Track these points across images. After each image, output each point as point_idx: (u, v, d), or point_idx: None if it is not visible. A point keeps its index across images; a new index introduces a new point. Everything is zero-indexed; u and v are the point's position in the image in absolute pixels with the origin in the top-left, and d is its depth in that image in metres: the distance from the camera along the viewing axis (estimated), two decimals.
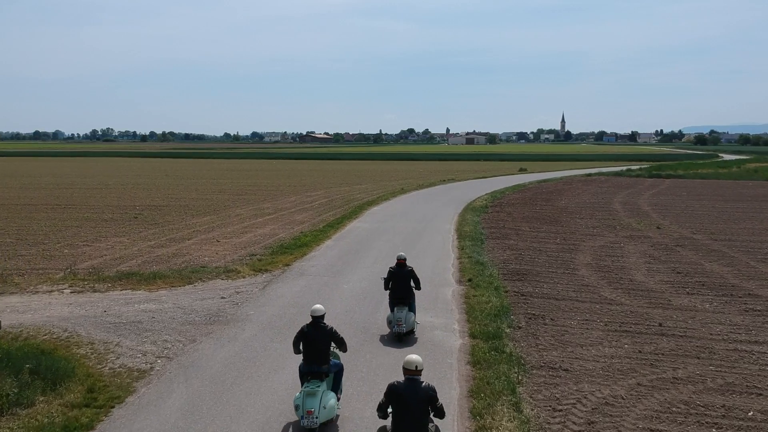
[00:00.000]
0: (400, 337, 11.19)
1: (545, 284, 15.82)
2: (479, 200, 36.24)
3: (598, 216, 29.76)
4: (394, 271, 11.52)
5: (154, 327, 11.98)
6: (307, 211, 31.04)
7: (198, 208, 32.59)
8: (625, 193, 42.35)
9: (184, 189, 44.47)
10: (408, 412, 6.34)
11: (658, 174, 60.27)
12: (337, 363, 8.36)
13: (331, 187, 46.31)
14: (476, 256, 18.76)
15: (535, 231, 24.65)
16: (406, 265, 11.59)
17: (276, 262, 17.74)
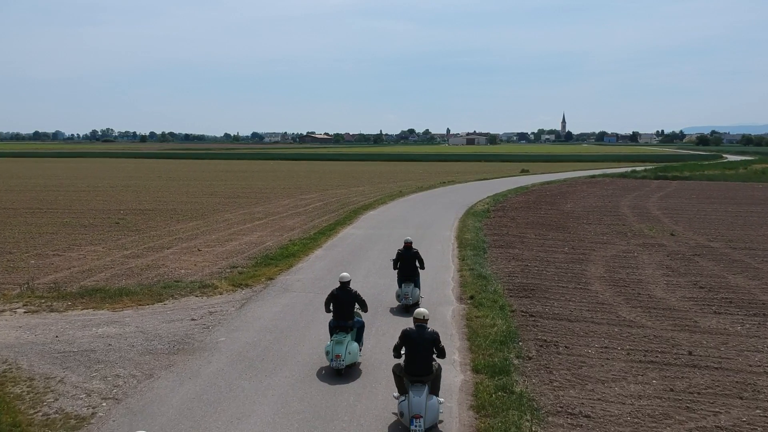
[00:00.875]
0: (407, 308, 13.07)
1: (556, 302, 14.22)
2: (481, 204, 34.63)
3: (607, 221, 28.16)
4: (402, 253, 13.62)
5: (108, 357, 10.39)
6: (299, 216, 29.44)
7: (185, 212, 31.01)
8: (632, 196, 40.74)
9: (174, 191, 42.90)
10: (417, 351, 8.01)
11: (665, 176, 58.66)
12: (359, 320, 10.36)
13: (327, 190, 44.72)
14: (478, 268, 17.15)
15: (541, 238, 23.05)
16: (412, 248, 13.72)
17: (258, 276, 16.14)
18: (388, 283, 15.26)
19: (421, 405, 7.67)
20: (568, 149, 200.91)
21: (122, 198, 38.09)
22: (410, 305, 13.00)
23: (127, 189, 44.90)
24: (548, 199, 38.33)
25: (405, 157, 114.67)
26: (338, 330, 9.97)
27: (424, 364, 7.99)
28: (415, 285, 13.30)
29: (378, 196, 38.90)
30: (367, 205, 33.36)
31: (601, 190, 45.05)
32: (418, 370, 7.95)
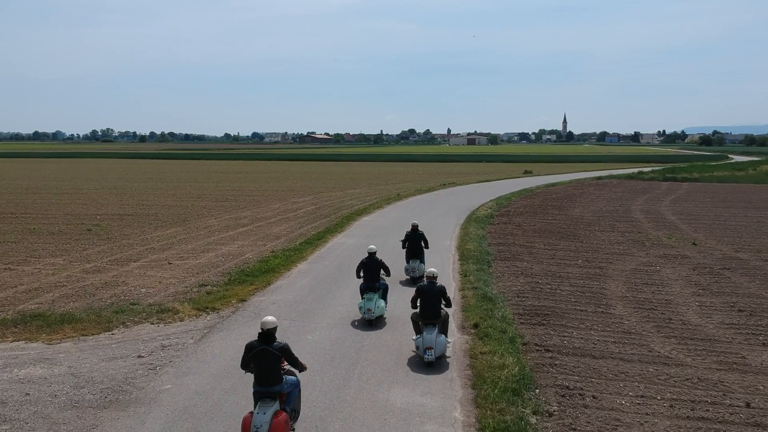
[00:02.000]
0: (414, 281, 15.14)
1: (575, 330, 12.07)
2: (483, 208, 32.45)
3: (620, 228, 25.99)
4: (410, 234, 16.07)
5: (19, 414, 8.25)
6: (288, 222, 27.29)
7: (167, 217, 28.87)
8: (643, 199, 38.57)
9: (161, 194, 40.76)
10: (429, 301, 10.28)
11: (673, 177, 56.47)
12: (384, 283, 12.70)
13: (322, 192, 42.56)
14: (483, 286, 14.98)
15: (550, 248, 20.88)
16: (419, 230, 16.05)
17: (228, 297, 13.98)
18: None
19: (432, 340, 9.99)
20: (570, 149, 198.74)
21: (104, 201, 35.98)
22: (417, 278, 15.38)
23: (113, 191, 42.79)
24: (555, 202, 36.15)
25: (405, 158, 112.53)
26: (368, 291, 12.43)
27: (434, 311, 10.29)
28: (420, 261, 15.89)
29: (374, 200, 36.74)
30: (362, 209, 31.19)
31: (610, 193, 42.88)
32: (430, 315, 10.27)
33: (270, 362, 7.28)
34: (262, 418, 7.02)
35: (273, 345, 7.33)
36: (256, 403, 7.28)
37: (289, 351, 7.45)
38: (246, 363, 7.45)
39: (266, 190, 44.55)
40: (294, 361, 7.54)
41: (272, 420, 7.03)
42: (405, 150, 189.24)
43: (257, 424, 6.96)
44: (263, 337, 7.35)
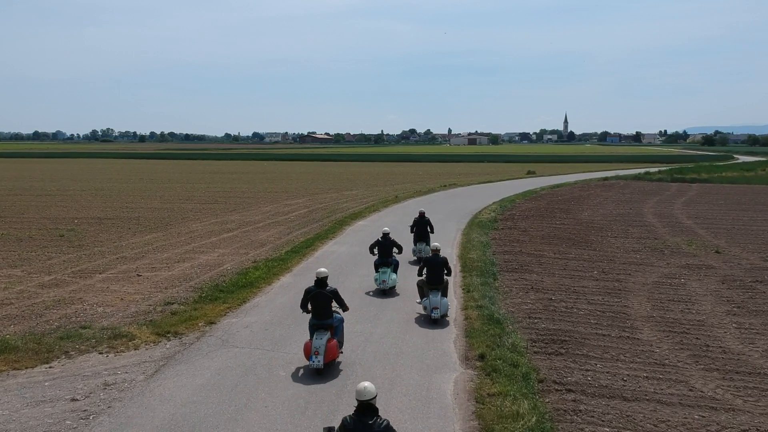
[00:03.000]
0: (420, 261, 15.26)
1: (598, 362, 10.22)
2: (486, 211, 30.58)
3: (634, 233, 24.13)
4: (418, 220, 18.02)
5: None
6: (277, 226, 25.44)
7: (149, 221, 27.05)
8: (654, 202, 36.69)
9: (148, 196, 38.92)
10: (433, 269, 12.40)
11: (682, 178, 54.55)
12: (396, 260, 14.99)
13: (317, 194, 40.71)
14: (488, 305, 13.12)
15: (561, 257, 19.03)
16: (425, 216, 18.20)
17: (196, 318, 12.13)
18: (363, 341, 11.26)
19: (437, 301, 12.09)
20: (571, 149, 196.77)
21: (88, 203, 34.15)
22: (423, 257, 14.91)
23: (100, 193, 40.96)
24: (561, 205, 34.29)
25: (405, 158, 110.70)
26: (382, 266, 14.60)
27: (438, 277, 12.35)
28: (426, 244, 17.58)
29: (371, 202, 34.89)
30: (357, 213, 29.32)
31: (618, 195, 41.00)
32: (435, 281, 12.33)
33: (323, 302, 9.81)
34: (320, 342, 9.47)
35: (326, 289, 9.94)
36: (313, 333, 9.74)
37: (337, 294, 10.05)
38: (305, 303, 9.99)
39: (259, 191, 42.72)
40: (341, 303, 10.07)
41: (327, 344, 9.46)
42: (405, 150, 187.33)
43: (316, 347, 9.40)
44: (318, 283, 9.99)
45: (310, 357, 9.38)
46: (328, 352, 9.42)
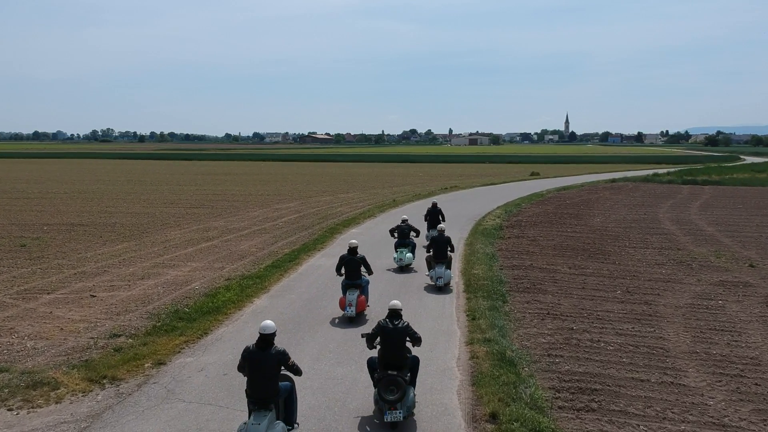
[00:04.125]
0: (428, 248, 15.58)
1: (641, 424, 8.03)
2: (490, 217, 28.38)
3: (654, 242, 21.94)
4: (431, 210, 20.62)
5: None
6: (262, 235, 23.26)
7: (125, 229, 24.89)
8: (668, 206, 34.49)
9: (133, 199, 36.74)
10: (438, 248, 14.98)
11: (693, 180, 52.33)
12: (412, 241, 17.28)
13: (311, 197, 38.52)
14: (498, 338, 10.93)
15: (578, 273, 16.83)
16: (438, 206, 20.66)
17: (143, 357, 9.95)
18: (346, 390, 9.08)
19: (441, 272, 14.59)
20: (574, 150, 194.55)
21: (65, 207, 31.99)
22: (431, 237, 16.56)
23: (82, 196, 38.78)
24: (570, 209, 32.09)
25: (405, 159, 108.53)
26: (401, 246, 16.95)
27: (443, 253, 14.86)
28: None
29: (367, 206, 32.69)
30: (350, 219, 27.11)
31: (628, 198, 38.80)
32: (440, 256, 14.82)
33: (354, 266, 12.57)
34: (352, 297, 12.12)
35: (356, 256, 12.72)
36: (345, 291, 12.34)
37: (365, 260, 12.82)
38: (339, 267, 12.67)
39: (250, 194, 40.53)
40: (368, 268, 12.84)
41: (357, 298, 12.13)
42: (405, 150, 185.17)
43: (350, 300, 12.03)
44: (351, 251, 12.76)
45: (345, 308, 12.05)
46: (359, 305, 12.10)
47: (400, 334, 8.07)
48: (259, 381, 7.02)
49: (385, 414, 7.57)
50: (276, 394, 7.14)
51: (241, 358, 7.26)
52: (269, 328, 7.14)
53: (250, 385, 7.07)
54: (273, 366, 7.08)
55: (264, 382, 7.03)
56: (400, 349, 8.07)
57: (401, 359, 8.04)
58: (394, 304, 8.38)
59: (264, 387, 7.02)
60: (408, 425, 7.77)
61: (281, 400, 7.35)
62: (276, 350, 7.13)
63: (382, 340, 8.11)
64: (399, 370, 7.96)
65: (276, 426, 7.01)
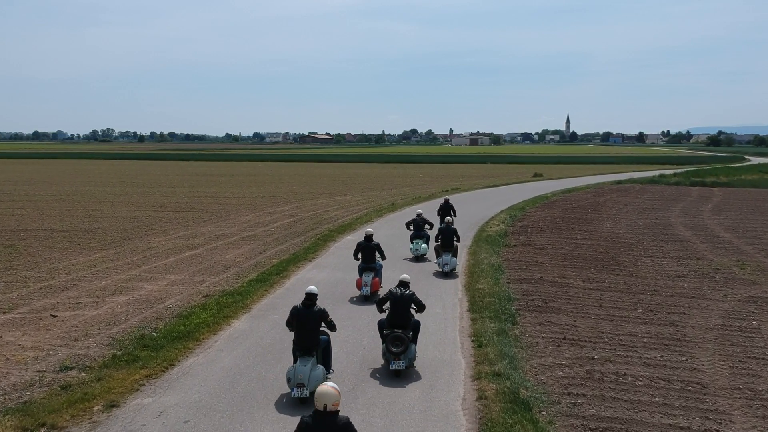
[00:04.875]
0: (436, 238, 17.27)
1: None
2: (494, 222, 26.92)
3: (671, 251, 20.47)
4: (443, 205, 22.44)
5: None
6: (251, 242, 21.80)
7: (107, 234, 23.46)
8: (679, 209, 33.02)
9: (120, 202, 35.28)
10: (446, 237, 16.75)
11: (702, 182, 50.82)
12: (427, 234, 18.73)
13: (307, 200, 37.05)
14: (509, 371, 9.43)
15: (593, 287, 15.34)
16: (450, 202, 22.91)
17: (93, 397, 8.42)
18: None
19: (448, 259, 16.38)
20: (575, 150, 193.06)
21: (49, 211, 30.53)
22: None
23: (69, 198, 37.32)
24: (577, 213, 30.61)
25: (405, 159, 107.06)
26: (416, 238, 18.64)
27: (450, 242, 16.59)
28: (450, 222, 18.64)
29: (364, 210, 31.23)
30: (346, 225, 25.63)
31: (636, 200, 37.32)
32: (447, 245, 16.56)
33: (370, 252, 14.30)
34: (368, 278, 13.91)
35: (372, 243, 14.39)
36: (362, 273, 14.11)
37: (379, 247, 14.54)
38: (356, 253, 14.49)
39: (244, 196, 39.05)
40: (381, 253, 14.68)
41: (372, 280, 13.82)
42: (406, 150, 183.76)
43: (365, 281, 13.82)
44: (367, 239, 14.48)
45: (361, 288, 13.75)
46: (373, 286, 13.73)
47: (406, 301, 9.79)
48: (304, 333, 8.70)
49: (391, 363, 9.29)
50: (317, 344, 8.82)
51: (290, 315, 8.98)
52: (314, 290, 9.20)
53: (297, 337, 8.79)
54: (316, 321, 8.77)
55: (308, 334, 8.70)
56: (406, 312, 9.75)
57: (406, 321, 9.69)
58: (404, 276, 10.37)
59: (308, 338, 8.70)
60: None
61: (320, 350, 8.95)
62: (318, 308, 8.89)
63: (391, 305, 9.83)
64: (403, 329, 9.57)
65: (317, 368, 8.56)
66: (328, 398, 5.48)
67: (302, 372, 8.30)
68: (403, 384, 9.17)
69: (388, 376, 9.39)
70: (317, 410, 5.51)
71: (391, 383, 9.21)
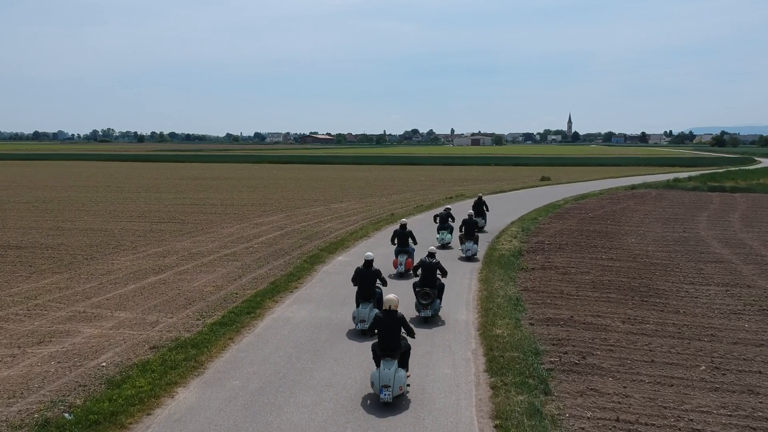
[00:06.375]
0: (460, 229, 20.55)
1: None
2: (506, 237, 24.01)
3: (713, 275, 17.61)
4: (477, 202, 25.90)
5: None
6: (228, 263, 18.96)
7: (67, 253, 20.68)
8: (705, 219, 30.15)
9: (95, 212, 32.46)
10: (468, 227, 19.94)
11: (721, 187, 47.87)
12: (412, 247, 17.64)
13: (300, 207, 34.20)
14: None
15: (637, 331, 12.44)
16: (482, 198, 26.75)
17: None
18: None
19: (469, 246, 19.42)
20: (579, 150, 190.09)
21: (12, 223, 27.75)
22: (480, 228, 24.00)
23: (42, 206, 34.48)
24: (595, 225, 27.73)
25: (407, 160, 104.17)
26: (442, 229, 21.53)
27: (471, 232, 19.70)
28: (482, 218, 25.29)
29: (361, 221, 28.38)
30: (339, 241, 22.75)
31: (656, 209, 34.44)
32: (469, 234, 19.57)
33: (404, 237, 17.40)
34: (402, 258, 16.97)
35: (405, 230, 17.45)
36: (397, 255, 17.16)
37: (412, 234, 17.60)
38: (393, 239, 17.66)
39: (232, 203, 36.20)
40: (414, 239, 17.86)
41: (405, 260, 16.88)
42: (407, 151, 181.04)
43: (400, 261, 16.95)
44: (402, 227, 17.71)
45: (396, 266, 16.98)
46: (406, 265, 16.83)
47: (432, 267, 12.94)
48: (365, 287, 12.14)
49: (420, 312, 12.75)
50: (373, 294, 12.16)
51: (354, 273, 12.43)
52: (370, 256, 12.55)
53: (360, 292, 12.16)
54: (373, 278, 12.22)
55: (368, 287, 12.15)
56: (433, 275, 12.87)
57: (433, 282, 12.84)
58: (431, 248, 13.74)
59: (368, 289, 12.14)
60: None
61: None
62: (375, 269, 12.34)
63: (422, 270, 12.96)
64: (431, 288, 12.76)
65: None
66: (392, 302, 9.16)
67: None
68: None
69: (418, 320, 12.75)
70: (385, 309, 9.12)
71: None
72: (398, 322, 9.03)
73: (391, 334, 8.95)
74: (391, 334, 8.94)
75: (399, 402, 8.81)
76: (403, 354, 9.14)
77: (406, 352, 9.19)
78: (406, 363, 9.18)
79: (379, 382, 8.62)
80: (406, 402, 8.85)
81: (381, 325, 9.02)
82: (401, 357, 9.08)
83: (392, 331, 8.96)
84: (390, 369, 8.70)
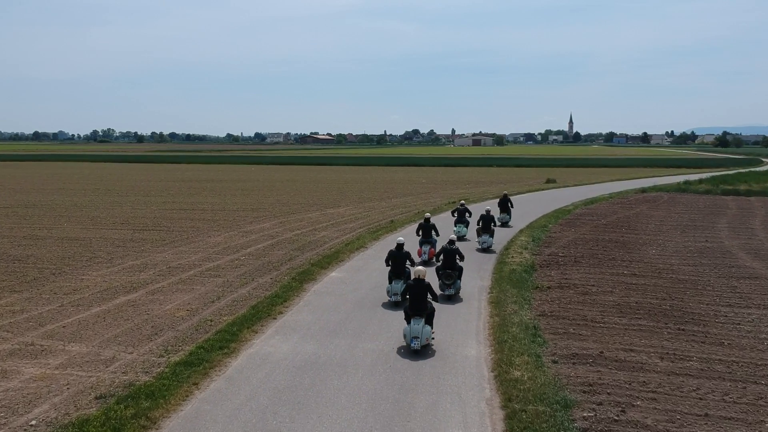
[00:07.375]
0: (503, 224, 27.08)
1: None
2: (515, 248, 22.02)
3: (751, 295, 15.70)
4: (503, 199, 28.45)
5: None
6: (209, 281, 17.05)
7: (34, 266, 18.82)
8: (725, 226, 28.26)
9: (76, 218, 30.56)
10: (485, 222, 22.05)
11: (735, 190, 45.93)
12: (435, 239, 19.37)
13: (294, 213, 32.30)
14: None
15: (680, 370, 10.50)
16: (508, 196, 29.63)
17: None
18: None
19: (486, 239, 21.49)
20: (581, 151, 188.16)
21: None
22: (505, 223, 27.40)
23: (22, 212, 32.60)
24: (610, 233, 25.81)
25: (407, 161, 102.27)
26: (459, 223, 23.52)
27: (487, 226, 21.69)
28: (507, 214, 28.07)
29: (358, 229, 26.46)
30: (334, 253, 20.78)
31: (671, 215, 32.53)
32: (486, 228, 21.61)
33: (428, 229, 19.17)
34: (426, 248, 18.77)
35: (429, 223, 19.23)
36: (421, 245, 18.97)
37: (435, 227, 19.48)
38: (418, 230, 19.59)
39: (223, 208, 34.29)
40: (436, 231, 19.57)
41: (429, 250, 18.68)
42: (408, 151, 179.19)
43: (425, 251, 18.88)
44: (426, 220, 19.47)
45: (421, 255, 18.60)
46: (429, 254, 18.53)
47: (453, 252, 15.10)
48: (398, 266, 14.14)
49: (443, 290, 14.71)
50: (404, 272, 14.20)
51: (388, 254, 14.49)
52: (401, 240, 14.77)
53: (393, 270, 14.18)
54: (404, 259, 14.23)
55: (400, 267, 14.15)
56: (453, 260, 15.03)
57: (454, 265, 15.00)
58: (452, 236, 16.58)
59: (400, 268, 14.13)
60: None
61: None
62: (405, 251, 14.47)
63: (443, 255, 15.07)
64: (452, 270, 14.90)
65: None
66: (421, 272, 11.47)
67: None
68: None
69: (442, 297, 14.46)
70: (415, 278, 11.43)
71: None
72: (425, 288, 11.31)
73: (420, 298, 11.17)
74: (419, 298, 11.17)
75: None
76: (429, 314, 11.23)
77: (431, 313, 11.32)
78: (431, 321, 11.30)
79: (410, 334, 10.81)
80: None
81: (412, 291, 11.30)
82: (427, 317, 11.16)
83: (420, 296, 11.19)
84: (419, 324, 10.89)
